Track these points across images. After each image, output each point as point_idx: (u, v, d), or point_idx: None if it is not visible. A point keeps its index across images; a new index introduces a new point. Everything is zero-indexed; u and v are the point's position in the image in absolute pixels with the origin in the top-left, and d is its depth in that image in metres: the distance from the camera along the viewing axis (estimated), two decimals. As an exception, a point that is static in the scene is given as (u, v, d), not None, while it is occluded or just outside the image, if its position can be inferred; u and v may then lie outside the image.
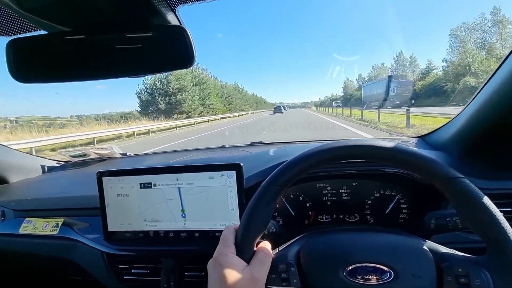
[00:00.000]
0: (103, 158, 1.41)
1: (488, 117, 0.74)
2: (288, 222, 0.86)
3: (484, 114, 0.75)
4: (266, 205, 0.47)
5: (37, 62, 0.56)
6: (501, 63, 0.69)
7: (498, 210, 0.40)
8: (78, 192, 1.04)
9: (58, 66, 0.58)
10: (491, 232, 0.40)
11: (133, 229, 0.80)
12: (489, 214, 0.40)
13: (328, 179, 0.84)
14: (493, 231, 0.40)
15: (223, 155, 1.28)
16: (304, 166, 0.48)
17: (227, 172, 0.73)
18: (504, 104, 0.68)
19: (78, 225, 0.94)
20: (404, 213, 0.81)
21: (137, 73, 0.63)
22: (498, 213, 0.40)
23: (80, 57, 0.57)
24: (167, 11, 0.54)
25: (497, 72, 0.69)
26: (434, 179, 0.44)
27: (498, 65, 0.69)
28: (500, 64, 0.68)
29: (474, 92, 0.81)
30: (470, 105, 0.81)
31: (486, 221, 0.40)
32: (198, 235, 0.76)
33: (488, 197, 0.41)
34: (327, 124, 13.56)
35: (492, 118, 0.74)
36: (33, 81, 0.58)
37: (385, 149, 0.45)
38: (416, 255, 0.46)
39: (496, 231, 0.39)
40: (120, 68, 0.60)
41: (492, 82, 0.71)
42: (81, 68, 0.59)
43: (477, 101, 0.77)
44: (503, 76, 0.66)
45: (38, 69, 0.57)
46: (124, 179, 0.80)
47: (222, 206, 0.74)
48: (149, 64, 0.59)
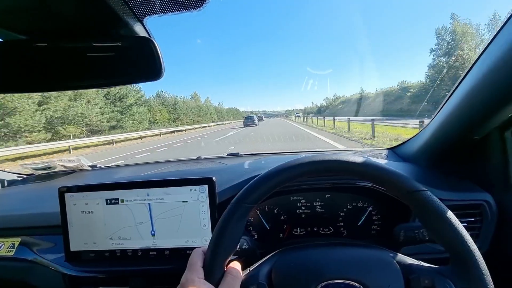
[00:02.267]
0: (70, 170, 1.33)
1: (451, 131, 0.78)
2: (263, 236, 0.84)
3: (447, 127, 0.79)
4: (236, 224, 0.45)
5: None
6: (461, 78, 0.73)
7: (459, 221, 0.42)
8: (39, 208, 0.96)
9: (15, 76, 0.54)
10: (452, 243, 0.41)
11: (98, 248, 0.75)
12: (450, 225, 0.41)
13: (303, 192, 0.84)
14: (454, 242, 0.41)
15: (197, 167, 1.25)
16: (275, 182, 0.47)
17: (199, 186, 0.71)
18: (465, 118, 0.72)
19: (39, 245, 0.87)
20: (375, 224, 0.83)
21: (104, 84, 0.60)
22: (459, 225, 0.41)
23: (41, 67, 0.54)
24: (135, 22, 0.52)
25: (459, 86, 0.73)
26: (398, 192, 0.45)
27: (460, 80, 0.74)
28: (462, 79, 0.72)
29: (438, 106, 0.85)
30: (435, 118, 0.85)
31: (448, 232, 0.41)
32: (169, 253, 0.73)
33: (450, 208, 0.43)
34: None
35: (455, 131, 0.77)
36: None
37: (353, 164, 0.45)
38: (385, 268, 0.47)
39: (457, 242, 0.41)
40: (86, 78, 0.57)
41: (455, 96, 0.75)
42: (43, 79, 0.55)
43: (441, 115, 0.81)
44: (464, 91, 0.70)
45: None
46: (89, 194, 0.75)
47: (194, 222, 0.72)
48: (116, 75, 0.56)
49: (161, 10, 0.50)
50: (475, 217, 0.73)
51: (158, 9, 0.50)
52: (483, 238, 0.73)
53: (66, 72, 0.55)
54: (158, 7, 0.50)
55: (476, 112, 0.68)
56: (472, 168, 0.82)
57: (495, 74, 0.59)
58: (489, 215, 0.72)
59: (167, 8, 0.49)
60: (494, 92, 0.62)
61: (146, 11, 0.50)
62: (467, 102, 0.69)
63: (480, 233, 0.73)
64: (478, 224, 0.73)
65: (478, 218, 0.73)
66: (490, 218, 0.72)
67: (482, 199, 0.73)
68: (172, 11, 0.50)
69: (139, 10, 0.50)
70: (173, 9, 0.50)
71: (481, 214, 0.73)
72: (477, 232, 0.73)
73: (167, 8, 0.50)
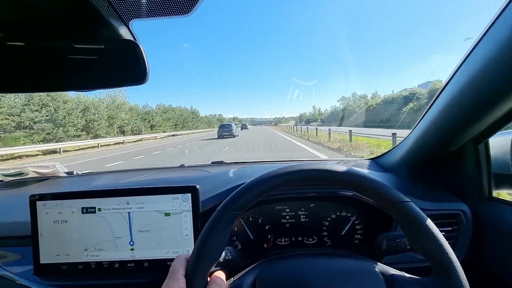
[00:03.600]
0: (43, 177, 1.26)
1: (429, 142, 0.81)
2: (247, 246, 0.83)
3: (425, 138, 0.82)
4: (221, 232, 0.44)
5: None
6: (438, 92, 0.76)
7: (440, 233, 0.42)
8: (8, 217, 0.90)
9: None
10: (434, 254, 0.42)
11: (71, 260, 0.70)
12: (431, 237, 0.42)
13: (287, 201, 0.84)
14: (435, 253, 0.42)
15: (180, 175, 1.22)
16: (261, 190, 0.46)
17: (181, 195, 0.69)
18: (441, 130, 0.75)
19: (5, 258, 0.80)
20: (359, 234, 0.84)
21: (85, 87, 0.58)
22: (440, 236, 0.42)
23: (18, 66, 0.51)
24: (120, 25, 0.51)
25: (436, 99, 0.76)
26: (382, 202, 0.45)
27: (437, 94, 0.77)
28: (439, 93, 0.75)
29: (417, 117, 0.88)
30: (415, 130, 0.88)
31: (429, 243, 0.42)
32: (148, 265, 0.69)
33: (430, 217, 0.44)
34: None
35: (432, 144, 0.81)
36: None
37: (338, 173, 0.46)
38: (369, 279, 0.47)
39: (438, 253, 0.41)
40: (66, 80, 0.55)
41: (432, 109, 0.78)
42: (20, 79, 0.53)
43: (420, 127, 0.84)
44: (441, 104, 0.73)
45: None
46: (64, 202, 0.71)
47: (176, 232, 0.69)
48: (99, 78, 0.55)
49: (148, 14, 0.50)
50: (452, 226, 0.75)
51: (144, 13, 0.50)
52: (459, 247, 0.75)
53: (44, 72, 0.52)
54: (145, 10, 0.49)
55: (452, 125, 0.72)
56: (449, 179, 0.85)
57: (469, 89, 0.62)
58: (465, 224, 0.75)
59: (155, 12, 0.49)
60: (468, 106, 0.65)
61: (132, 14, 0.49)
62: (444, 115, 0.72)
63: (457, 242, 0.75)
64: (455, 233, 0.75)
65: (455, 227, 0.76)
66: (466, 228, 0.75)
67: (458, 208, 0.76)
68: (159, 15, 0.49)
69: (125, 13, 0.49)
70: (160, 14, 0.49)
71: (457, 224, 0.76)
72: (454, 241, 0.75)
73: (154, 12, 0.49)
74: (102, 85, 0.59)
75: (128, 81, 0.54)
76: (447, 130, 0.74)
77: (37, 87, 0.56)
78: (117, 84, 0.56)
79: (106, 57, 0.51)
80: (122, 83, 0.55)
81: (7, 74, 0.51)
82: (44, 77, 0.53)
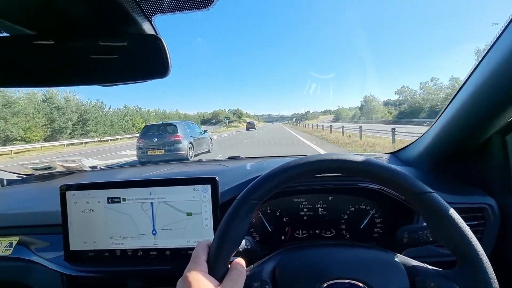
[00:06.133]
0: (70, 171, 1.33)
1: (452, 136, 0.79)
2: (265, 238, 0.84)
3: (448, 131, 0.79)
4: (242, 220, 0.45)
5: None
6: (462, 83, 0.74)
7: (466, 225, 0.41)
8: (38, 207, 0.95)
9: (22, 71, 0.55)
10: (459, 246, 0.41)
11: (98, 248, 0.74)
12: (457, 228, 0.41)
13: (305, 194, 0.84)
14: (461, 245, 0.41)
15: (199, 169, 1.25)
16: (281, 179, 0.47)
17: (201, 186, 0.71)
18: (466, 122, 0.73)
19: (37, 244, 0.86)
20: (378, 227, 0.82)
21: (109, 81, 0.60)
22: (466, 227, 0.41)
23: (48, 63, 0.54)
24: (143, 20, 0.53)
25: (460, 91, 0.74)
26: (405, 193, 0.45)
27: (461, 85, 0.74)
28: (463, 84, 0.73)
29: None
30: (436, 122, 0.85)
31: (454, 235, 0.41)
32: (170, 254, 0.72)
33: (455, 211, 0.43)
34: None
35: (456, 137, 0.78)
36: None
37: (358, 163, 0.46)
38: (390, 269, 0.46)
39: (463, 245, 0.40)
40: (91, 75, 0.57)
41: (455, 101, 0.76)
42: (48, 74, 0.56)
43: (442, 119, 0.81)
44: (465, 96, 0.71)
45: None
46: (90, 193, 0.74)
47: (196, 222, 0.71)
48: (122, 73, 0.57)
49: (170, 8, 0.51)
50: (478, 221, 0.73)
51: (167, 8, 0.51)
52: (485, 242, 0.72)
53: (70, 68, 0.55)
54: (167, 5, 0.50)
55: (477, 117, 0.69)
56: (474, 172, 0.82)
57: (495, 79, 0.60)
58: (492, 218, 0.72)
59: (176, 7, 0.50)
60: (494, 97, 0.62)
61: (155, 10, 0.51)
62: (468, 106, 0.70)
63: (483, 236, 0.73)
64: (481, 228, 0.73)
65: (481, 221, 0.73)
66: (493, 222, 0.72)
67: (485, 202, 0.73)
68: (181, 10, 0.51)
69: (148, 8, 0.50)
70: (182, 8, 0.50)
71: (483, 218, 0.73)
72: (480, 235, 0.73)
73: (176, 7, 0.50)
74: (125, 80, 0.61)
75: (151, 74, 0.56)
76: (472, 122, 0.71)
77: (66, 81, 0.59)
78: (140, 78, 0.58)
79: (130, 52, 0.53)
80: (145, 76, 0.57)
81: (36, 70, 0.55)
82: (71, 73, 0.56)
